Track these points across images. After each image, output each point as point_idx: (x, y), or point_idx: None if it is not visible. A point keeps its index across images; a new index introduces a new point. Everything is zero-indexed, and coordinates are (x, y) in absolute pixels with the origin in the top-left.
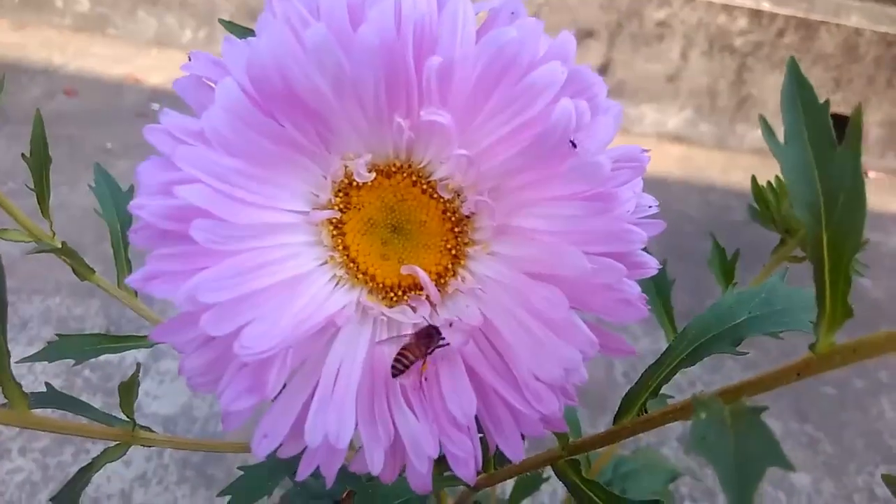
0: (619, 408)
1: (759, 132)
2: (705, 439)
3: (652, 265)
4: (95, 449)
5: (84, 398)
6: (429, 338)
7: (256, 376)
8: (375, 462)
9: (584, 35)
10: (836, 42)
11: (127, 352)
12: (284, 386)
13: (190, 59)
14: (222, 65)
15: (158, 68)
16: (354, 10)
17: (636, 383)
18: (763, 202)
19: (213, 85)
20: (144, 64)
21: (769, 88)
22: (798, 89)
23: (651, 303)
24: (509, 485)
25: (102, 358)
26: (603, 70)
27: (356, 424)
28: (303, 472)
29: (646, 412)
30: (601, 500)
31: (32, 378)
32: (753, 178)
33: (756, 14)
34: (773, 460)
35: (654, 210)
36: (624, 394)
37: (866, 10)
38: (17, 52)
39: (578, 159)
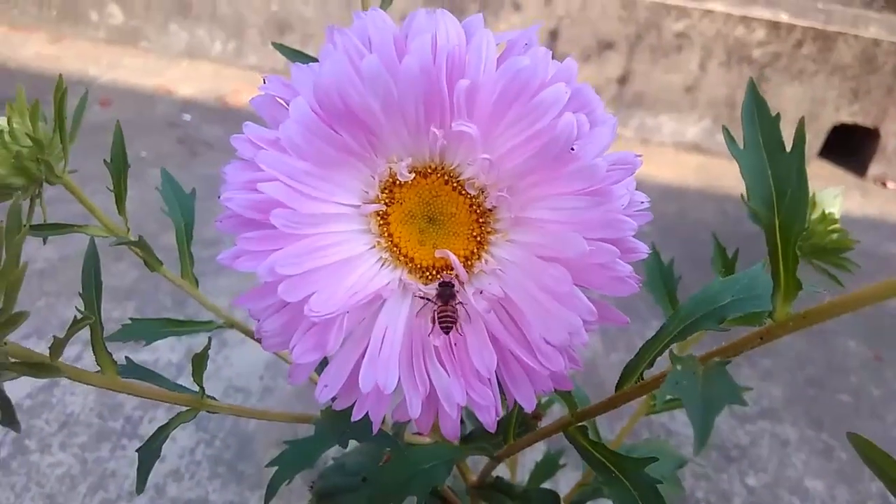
0: (620, 377)
1: None
2: (678, 384)
3: (642, 250)
4: (132, 446)
5: (120, 397)
6: (449, 295)
7: (320, 336)
8: (414, 408)
9: (604, 47)
10: (853, 53)
11: (161, 355)
12: (342, 347)
13: (265, 82)
14: (291, 86)
15: (189, 79)
16: (398, 41)
17: (635, 356)
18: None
19: (282, 102)
20: (175, 75)
21: (787, 99)
22: (755, 105)
23: (658, 296)
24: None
25: (139, 358)
26: (622, 81)
27: (399, 378)
28: (357, 415)
29: (642, 379)
30: (605, 458)
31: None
32: (744, 198)
33: (774, 25)
34: (732, 398)
35: (646, 205)
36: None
37: (884, 21)
38: (54, 63)
39: (580, 162)
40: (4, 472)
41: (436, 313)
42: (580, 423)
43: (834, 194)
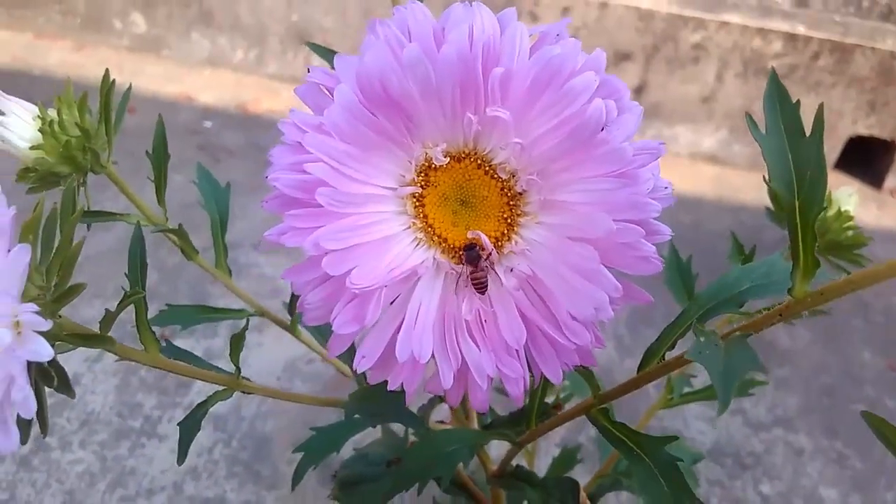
0: (642, 359)
1: None
2: (701, 353)
3: (665, 232)
4: (150, 444)
5: (139, 397)
6: (476, 257)
7: (359, 308)
8: (446, 380)
9: (621, 58)
10: (871, 65)
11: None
12: (379, 320)
13: (309, 72)
14: (334, 75)
15: (210, 87)
16: (437, 32)
17: (657, 339)
18: (778, 202)
19: (325, 91)
20: (197, 83)
21: (804, 110)
22: (777, 92)
23: (676, 293)
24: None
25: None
26: (639, 91)
27: (432, 350)
28: (393, 384)
29: (664, 359)
30: (626, 437)
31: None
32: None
33: (791, 37)
34: (752, 366)
35: (669, 190)
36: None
37: None
38: (77, 70)
39: (608, 146)
40: (26, 468)
41: (468, 276)
42: (602, 406)
43: (849, 193)
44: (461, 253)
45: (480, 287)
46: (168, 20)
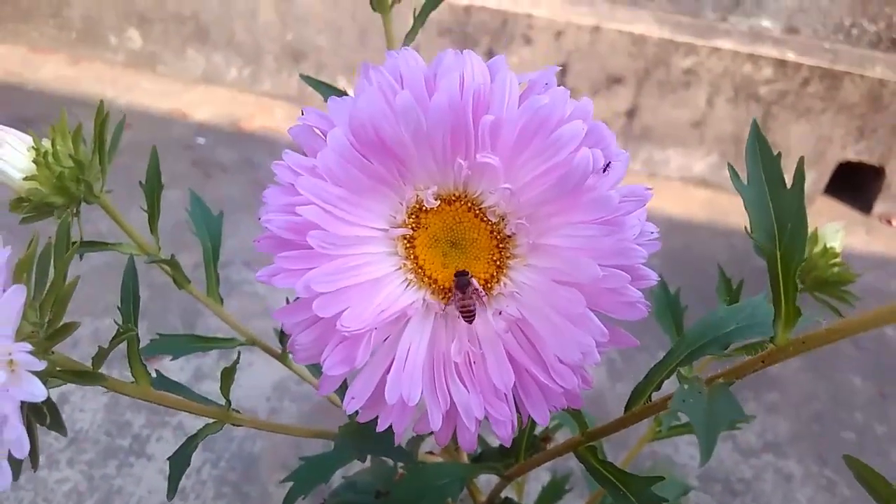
0: (629, 398)
1: (785, 178)
2: (685, 401)
3: (652, 277)
4: (139, 463)
5: (128, 415)
6: (466, 284)
7: (349, 350)
8: (435, 421)
9: (613, 81)
10: (860, 92)
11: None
12: (368, 361)
13: (303, 114)
14: (327, 118)
15: (204, 103)
16: (428, 79)
17: (643, 379)
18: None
19: (319, 133)
20: (191, 99)
21: (794, 136)
22: (759, 144)
23: (665, 325)
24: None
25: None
26: (630, 115)
27: (422, 391)
28: (381, 426)
29: (650, 401)
30: (613, 476)
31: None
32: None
33: (781, 64)
34: (735, 415)
35: (656, 235)
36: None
37: (890, 61)
38: (72, 85)
39: (594, 193)
40: (13, 487)
41: (457, 304)
42: (589, 444)
43: (835, 229)
44: (452, 280)
45: (468, 315)
46: (164, 36)
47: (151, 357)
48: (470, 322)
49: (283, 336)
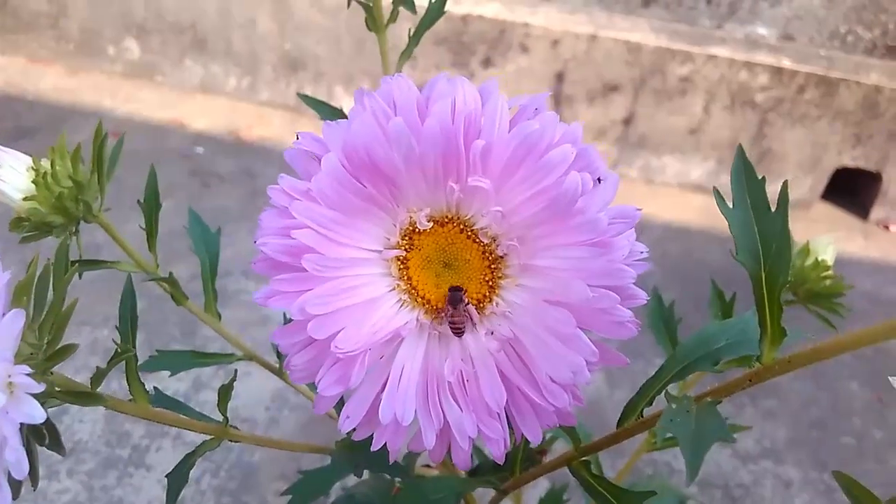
0: (621, 414)
1: (779, 185)
2: (672, 420)
3: (641, 297)
4: (138, 474)
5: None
6: (458, 300)
7: (343, 371)
8: (429, 440)
9: (609, 89)
10: (856, 99)
11: (169, 384)
12: (363, 381)
13: (298, 138)
14: (321, 142)
15: (202, 113)
16: (420, 104)
17: (636, 394)
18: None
19: (314, 156)
20: (190, 109)
21: (790, 143)
22: (744, 168)
23: (659, 336)
24: None
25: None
26: (627, 123)
27: (415, 410)
28: (376, 445)
29: (642, 416)
30: (607, 491)
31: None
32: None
33: (777, 71)
34: (721, 435)
35: (645, 255)
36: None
37: (886, 67)
38: (71, 96)
39: (584, 216)
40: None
41: (448, 317)
42: (584, 458)
43: (826, 242)
44: (446, 295)
45: (458, 330)
46: (162, 47)
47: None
48: (459, 336)
49: (280, 351)
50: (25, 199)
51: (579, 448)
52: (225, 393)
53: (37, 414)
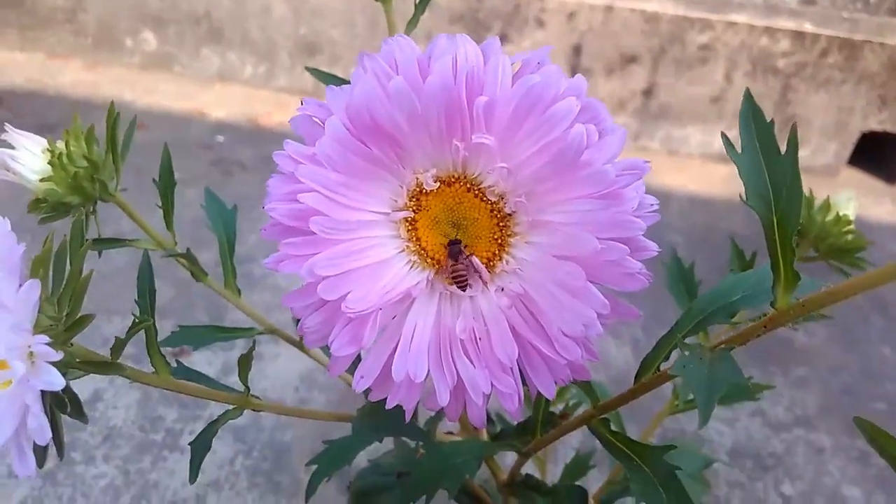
0: (638, 369)
1: (805, 151)
2: (685, 367)
3: (652, 248)
4: (172, 457)
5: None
6: (458, 252)
7: (356, 331)
8: (442, 397)
9: (628, 60)
10: (880, 61)
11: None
12: (376, 341)
13: (302, 104)
14: (325, 107)
15: (221, 103)
16: (422, 63)
17: (652, 350)
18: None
19: (318, 121)
20: (208, 99)
21: (814, 108)
22: (752, 112)
23: (679, 299)
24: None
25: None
26: (647, 94)
27: (428, 368)
28: (390, 403)
29: (659, 371)
30: (626, 447)
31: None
32: (743, 198)
33: (798, 35)
34: (735, 378)
35: (655, 207)
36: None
37: None
38: (91, 89)
39: (590, 168)
40: (52, 483)
41: (449, 273)
42: (603, 416)
43: (847, 197)
44: (445, 248)
45: (461, 282)
46: (179, 37)
47: (181, 353)
48: (464, 289)
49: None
50: (42, 180)
51: (597, 405)
52: (245, 362)
53: (56, 381)
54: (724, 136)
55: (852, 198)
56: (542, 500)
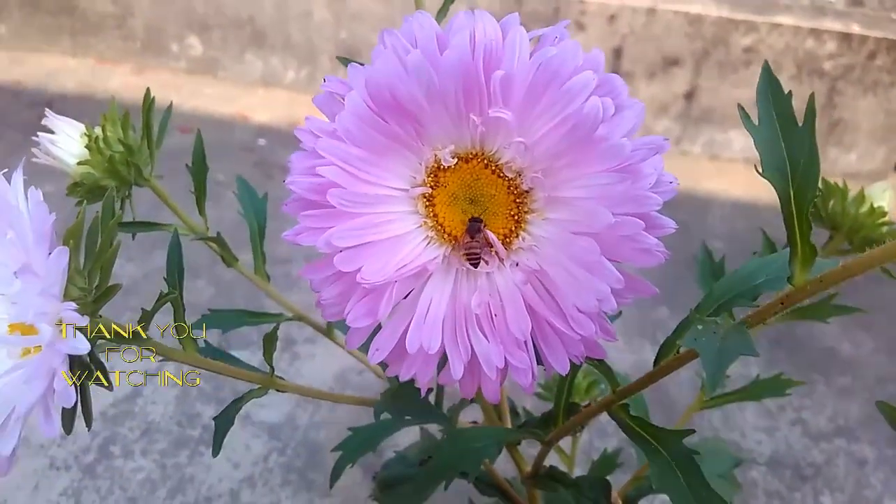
0: (657, 352)
1: (852, 156)
2: (696, 339)
3: (669, 225)
4: (209, 453)
5: (198, 406)
6: (476, 230)
7: (372, 304)
8: (457, 371)
9: (670, 63)
10: None
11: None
12: (392, 315)
13: (325, 81)
14: (347, 84)
15: (264, 107)
16: (442, 38)
17: (672, 332)
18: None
19: (340, 99)
20: (251, 103)
21: (862, 112)
22: (769, 84)
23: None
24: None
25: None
26: (689, 97)
27: (441, 342)
28: (404, 376)
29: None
30: (645, 431)
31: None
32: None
33: (846, 37)
34: (745, 350)
35: (675, 184)
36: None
37: None
38: (138, 93)
39: (607, 142)
40: (90, 476)
41: (464, 248)
42: (623, 402)
43: (882, 188)
44: (465, 225)
45: (474, 260)
46: (223, 42)
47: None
48: (475, 266)
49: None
50: (79, 163)
51: (617, 390)
52: (269, 343)
53: (82, 346)
54: (740, 107)
55: (888, 188)
56: (566, 492)
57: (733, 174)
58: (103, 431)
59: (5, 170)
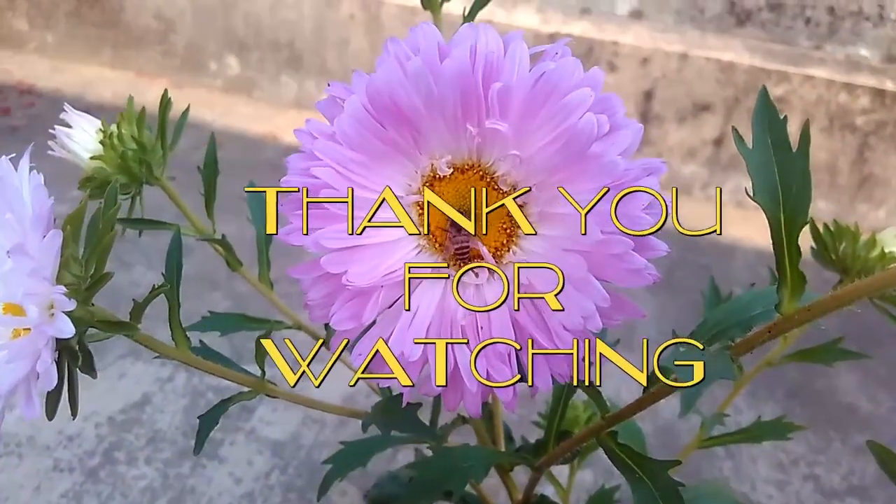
0: (647, 380)
1: (881, 212)
2: (676, 359)
3: (661, 248)
4: (211, 465)
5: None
6: (458, 230)
7: (357, 307)
8: (438, 380)
9: (700, 109)
10: None
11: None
12: (377, 322)
13: (329, 86)
14: (349, 89)
15: (295, 127)
16: (443, 49)
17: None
18: (822, 243)
19: (342, 103)
20: (283, 123)
21: (892, 168)
22: (764, 108)
23: None
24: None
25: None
26: (718, 143)
27: (423, 351)
28: (386, 381)
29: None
30: (631, 460)
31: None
32: (812, 222)
33: (879, 93)
34: (725, 374)
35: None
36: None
37: None
38: (175, 108)
39: (600, 159)
40: (93, 480)
41: (452, 242)
42: (611, 430)
43: (894, 234)
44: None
45: (463, 252)
46: (260, 63)
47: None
48: (465, 260)
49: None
50: (92, 158)
51: (606, 417)
52: (261, 347)
53: (66, 329)
54: (734, 129)
55: None
56: None
57: (758, 221)
58: (109, 436)
59: (12, 155)
